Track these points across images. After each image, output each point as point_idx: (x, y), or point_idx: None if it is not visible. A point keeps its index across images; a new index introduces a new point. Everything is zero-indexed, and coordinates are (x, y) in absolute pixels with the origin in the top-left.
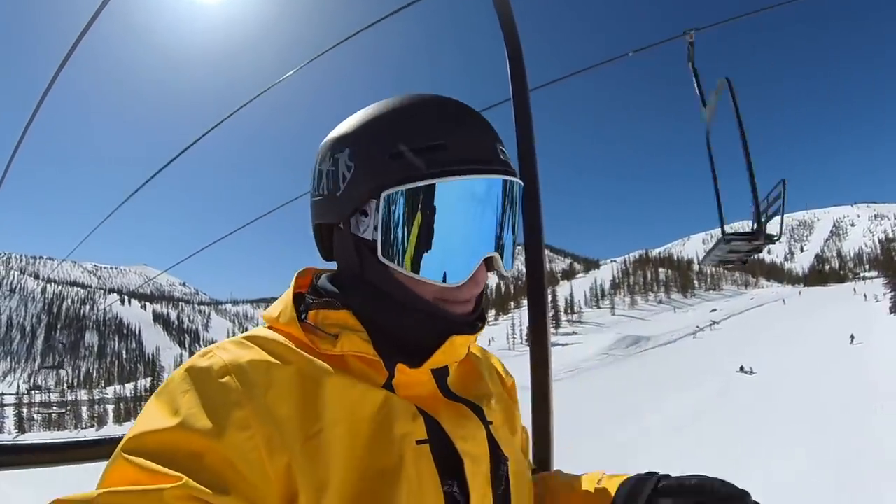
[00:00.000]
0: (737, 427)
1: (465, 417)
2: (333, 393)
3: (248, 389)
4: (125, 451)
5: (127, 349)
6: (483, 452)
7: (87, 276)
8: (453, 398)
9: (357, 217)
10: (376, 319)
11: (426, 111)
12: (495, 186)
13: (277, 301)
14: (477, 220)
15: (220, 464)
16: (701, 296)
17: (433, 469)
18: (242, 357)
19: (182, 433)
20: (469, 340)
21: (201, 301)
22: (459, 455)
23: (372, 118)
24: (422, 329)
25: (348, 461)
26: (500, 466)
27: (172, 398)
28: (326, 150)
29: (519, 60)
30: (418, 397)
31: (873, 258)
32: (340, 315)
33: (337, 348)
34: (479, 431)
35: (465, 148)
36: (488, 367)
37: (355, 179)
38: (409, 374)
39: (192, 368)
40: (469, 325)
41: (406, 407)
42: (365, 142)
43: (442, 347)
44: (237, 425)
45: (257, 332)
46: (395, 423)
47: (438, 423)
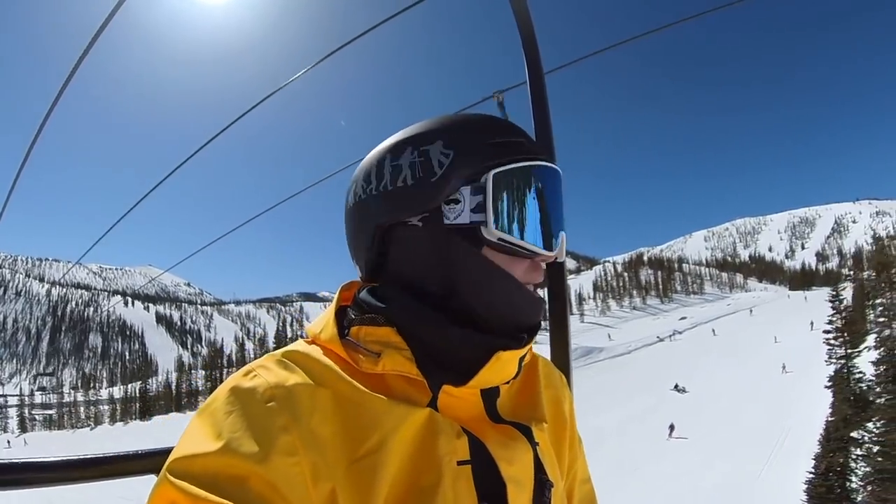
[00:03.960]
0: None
1: (513, 439)
2: (376, 415)
3: (293, 414)
4: (171, 472)
5: (130, 350)
6: (528, 477)
7: (92, 278)
8: (500, 421)
9: (444, 208)
10: (421, 335)
11: (496, 118)
12: (559, 178)
13: (321, 315)
14: (558, 201)
15: (265, 489)
16: (680, 300)
17: (472, 492)
18: (287, 379)
19: (227, 457)
20: (516, 356)
21: (204, 301)
22: (503, 479)
23: (455, 119)
24: (467, 344)
25: (392, 486)
26: (544, 492)
27: (216, 419)
28: (404, 146)
29: (532, 43)
30: (463, 419)
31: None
32: (383, 332)
33: (379, 367)
34: (525, 455)
35: (536, 145)
36: (550, 385)
37: (456, 164)
38: (455, 394)
39: (236, 389)
40: (515, 339)
41: (450, 425)
42: (460, 133)
43: (488, 364)
44: (283, 451)
45: (298, 349)
46: (437, 441)
47: (483, 444)
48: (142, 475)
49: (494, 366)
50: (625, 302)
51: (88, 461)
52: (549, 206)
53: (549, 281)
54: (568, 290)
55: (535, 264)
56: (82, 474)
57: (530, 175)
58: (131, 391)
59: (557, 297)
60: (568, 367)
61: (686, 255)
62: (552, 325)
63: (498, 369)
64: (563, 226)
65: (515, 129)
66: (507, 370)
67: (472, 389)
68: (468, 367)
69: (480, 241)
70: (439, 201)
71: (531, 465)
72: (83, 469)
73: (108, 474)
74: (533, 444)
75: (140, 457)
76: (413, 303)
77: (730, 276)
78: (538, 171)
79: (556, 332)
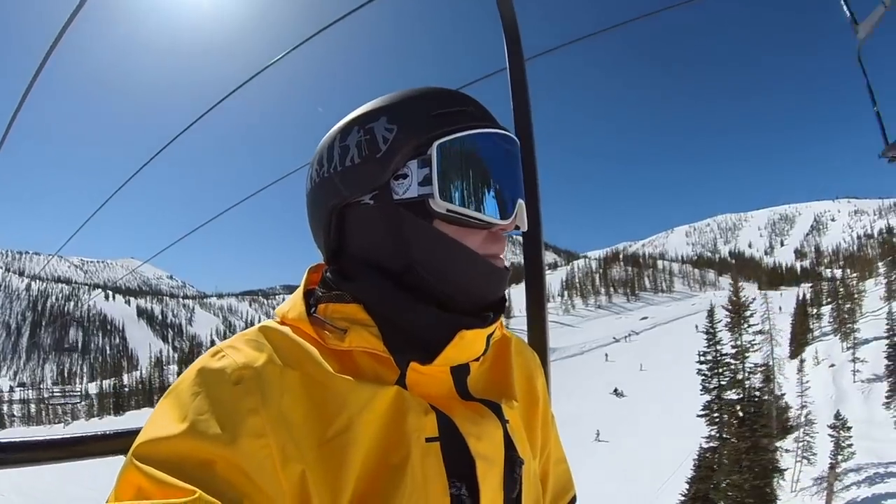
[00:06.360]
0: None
1: (482, 416)
2: (344, 395)
3: (263, 395)
4: (136, 457)
5: (110, 345)
6: (498, 454)
7: (73, 271)
8: (470, 398)
9: (392, 183)
10: (387, 313)
11: (439, 89)
12: (514, 143)
13: (290, 297)
14: (511, 168)
15: (232, 473)
16: (647, 299)
17: (441, 469)
18: (256, 360)
19: (193, 440)
20: (482, 335)
21: (186, 294)
22: (472, 455)
23: (397, 94)
24: (431, 322)
25: (362, 465)
26: (514, 469)
27: (182, 401)
28: (350, 125)
29: (514, 29)
30: (432, 396)
31: (847, 255)
32: (350, 309)
33: (346, 343)
34: (495, 432)
35: (481, 111)
36: (522, 364)
37: (400, 138)
38: (423, 371)
39: (203, 370)
40: (479, 317)
41: (418, 402)
42: (402, 108)
43: (452, 343)
44: (251, 433)
45: (269, 326)
46: (405, 418)
47: (452, 421)
48: (111, 456)
49: (459, 344)
50: (591, 300)
51: (56, 442)
52: (499, 174)
53: (526, 264)
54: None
55: (493, 235)
56: (50, 455)
57: (476, 143)
58: (108, 387)
59: (534, 279)
60: (545, 349)
61: (667, 251)
62: (529, 307)
63: (463, 347)
64: (519, 193)
65: (461, 97)
66: (472, 348)
67: (440, 367)
68: (434, 345)
69: (430, 215)
70: (387, 177)
71: (501, 443)
72: (50, 450)
73: (75, 455)
74: (503, 422)
75: (108, 437)
76: (378, 280)
77: (702, 273)
78: (485, 138)
79: (533, 314)
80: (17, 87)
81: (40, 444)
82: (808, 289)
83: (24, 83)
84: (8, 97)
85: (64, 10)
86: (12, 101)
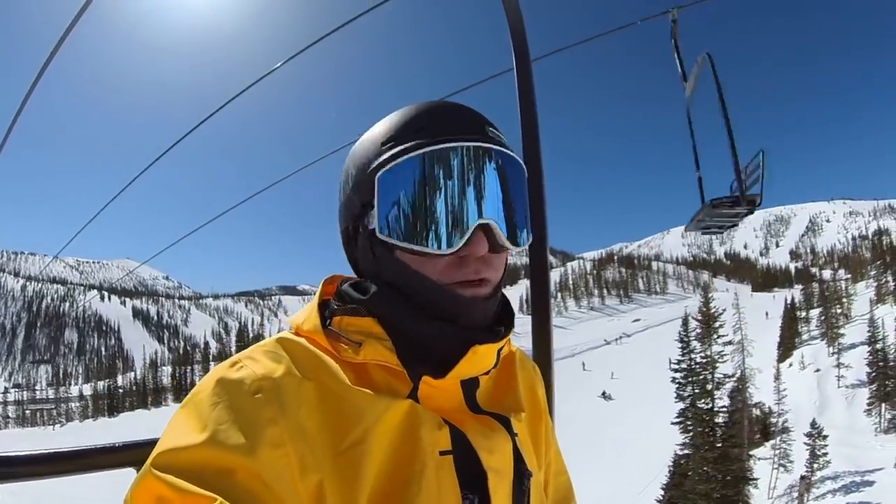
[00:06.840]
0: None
1: (492, 429)
2: (359, 407)
3: (281, 406)
4: (155, 466)
5: (106, 346)
6: (508, 467)
7: (69, 272)
8: (479, 412)
9: (368, 214)
10: (400, 327)
11: (413, 109)
12: (482, 155)
13: (304, 308)
14: (474, 185)
15: (252, 482)
16: (640, 301)
17: (454, 481)
18: (275, 371)
19: (213, 449)
20: (492, 349)
21: (182, 295)
22: (483, 468)
23: (371, 128)
24: (444, 337)
25: (377, 476)
26: (523, 481)
27: (201, 411)
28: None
29: (521, 30)
30: (444, 409)
31: (842, 256)
32: (365, 322)
33: (360, 356)
34: (505, 445)
35: (445, 125)
36: (527, 378)
37: (357, 174)
38: (435, 384)
39: (223, 380)
40: (491, 332)
41: (431, 416)
42: (363, 143)
43: (465, 357)
44: (270, 443)
45: (285, 337)
46: (419, 432)
47: (464, 434)
48: (119, 468)
49: (472, 359)
50: (583, 302)
51: (63, 455)
52: (451, 196)
53: (531, 278)
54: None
55: (456, 260)
56: (56, 468)
57: (419, 167)
58: (102, 388)
59: (540, 295)
60: (549, 364)
61: (662, 252)
62: (534, 323)
63: (475, 362)
64: (482, 214)
65: (419, 116)
66: (484, 362)
67: (451, 381)
68: (447, 359)
69: (388, 245)
70: (356, 212)
71: (510, 455)
72: (57, 463)
73: (83, 468)
74: (512, 435)
75: (116, 450)
76: (392, 296)
77: (697, 274)
78: (433, 157)
79: (538, 330)
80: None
81: (47, 457)
82: (800, 291)
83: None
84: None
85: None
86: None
